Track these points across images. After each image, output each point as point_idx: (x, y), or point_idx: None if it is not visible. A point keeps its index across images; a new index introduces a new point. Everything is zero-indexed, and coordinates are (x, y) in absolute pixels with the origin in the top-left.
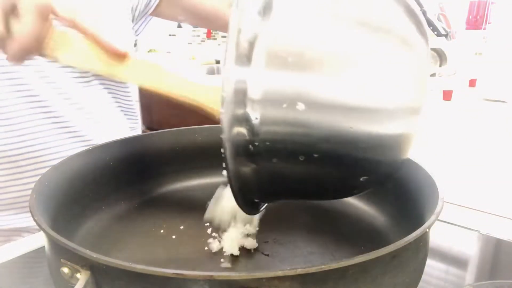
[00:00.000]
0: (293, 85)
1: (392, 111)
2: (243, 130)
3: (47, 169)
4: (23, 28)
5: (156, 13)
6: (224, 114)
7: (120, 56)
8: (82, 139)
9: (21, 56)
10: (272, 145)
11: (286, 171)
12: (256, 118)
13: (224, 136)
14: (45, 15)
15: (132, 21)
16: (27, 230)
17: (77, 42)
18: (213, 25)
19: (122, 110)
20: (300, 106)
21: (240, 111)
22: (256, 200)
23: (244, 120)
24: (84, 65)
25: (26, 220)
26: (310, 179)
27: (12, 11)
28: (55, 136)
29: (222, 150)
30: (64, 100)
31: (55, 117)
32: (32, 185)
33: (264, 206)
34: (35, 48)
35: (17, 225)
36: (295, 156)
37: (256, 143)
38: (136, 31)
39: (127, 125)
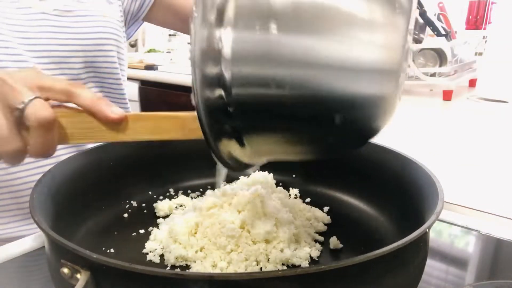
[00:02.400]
0: (264, 41)
1: (365, 70)
2: (215, 90)
3: (39, 175)
4: (34, 142)
5: (148, 18)
6: (194, 75)
7: (116, 122)
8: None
9: (40, 157)
10: (245, 102)
11: (263, 128)
12: (228, 76)
13: (196, 99)
14: (49, 127)
15: (124, 25)
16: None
17: (81, 121)
18: None
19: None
20: (271, 60)
21: (210, 71)
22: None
23: (216, 79)
24: (93, 140)
25: (17, 229)
26: (286, 136)
27: (20, 124)
28: None
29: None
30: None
31: None
32: (23, 192)
33: (255, 166)
34: (50, 152)
35: (9, 235)
36: (270, 114)
37: (229, 101)
38: (128, 35)
39: None
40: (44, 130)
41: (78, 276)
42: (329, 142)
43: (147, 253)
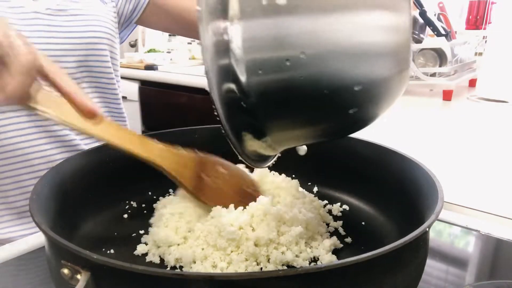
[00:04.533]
0: (272, 29)
1: (377, 53)
2: (231, 85)
3: (29, 175)
4: (11, 82)
5: (142, 21)
6: (209, 72)
7: (92, 115)
8: (66, 144)
9: (4, 104)
10: (263, 90)
11: (281, 113)
12: (242, 67)
13: (213, 95)
14: (34, 75)
15: (118, 27)
16: (6, 243)
17: (55, 99)
18: (197, 36)
19: (111, 115)
20: (282, 43)
21: (224, 64)
22: (261, 153)
23: (230, 73)
24: (60, 119)
25: (6, 231)
26: (304, 117)
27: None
28: (38, 141)
29: (215, 113)
30: None
31: (38, 120)
32: (12, 192)
33: (274, 158)
34: (18, 101)
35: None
36: (287, 98)
37: (247, 91)
38: (121, 39)
39: None
40: (27, 74)
41: (79, 276)
42: (345, 119)
43: (146, 254)
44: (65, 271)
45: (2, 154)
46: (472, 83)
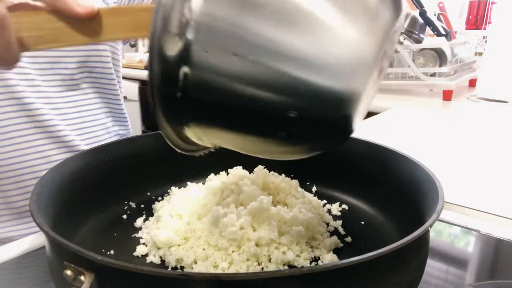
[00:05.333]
0: (231, 20)
1: (332, 62)
2: (170, 64)
3: (29, 175)
4: None
5: None
6: (150, 50)
7: (88, 17)
8: (66, 144)
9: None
10: (199, 87)
11: (211, 118)
12: (186, 56)
13: (149, 76)
14: (2, 24)
15: None
16: (6, 242)
17: (44, 21)
18: None
19: (112, 116)
20: (236, 46)
21: (169, 46)
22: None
23: (174, 57)
24: (61, 43)
25: (6, 230)
26: (224, 124)
27: None
28: (38, 141)
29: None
30: (49, 105)
31: (38, 121)
32: (12, 192)
33: (204, 150)
34: (11, 57)
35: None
36: (217, 95)
37: (183, 84)
38: (123, 41)
39: (116, 131)
40: None
41: (82, 278)
42: (280, 139)
43: (146, 255)
44: (68, 272)
45: (3, 155)
46: (472, 83)
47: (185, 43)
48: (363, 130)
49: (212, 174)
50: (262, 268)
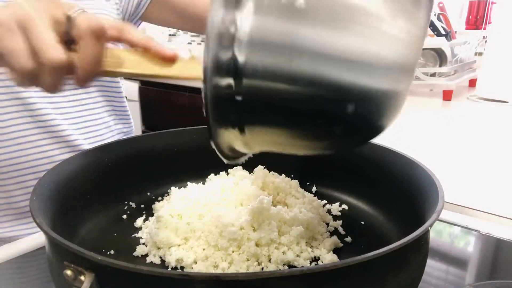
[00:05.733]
0: (283, 31)
1: (384, 66)
2: (226, 77)
3: (31, 175)
4: (84, 52)
5: (146, 17)
6: (206, 59)
7: (171, 59)
8: (69, 144)
9: (88, 79)
10: (255, 92)
11: (268, 120)
12: (241, 63)
13: (205, 84)
14: (101, 36)
15: None
16: (9, 241)
17: (129, 54)
18: (202, 29)
19: (115, 114)
20: (290, 52)
21: (224, 55)
22: (237, 149)
23: (228, 65)
24: (141, 72)
25: (8, 229)
26: (290, 130)
27: (67, 37)
28: (41, 141)
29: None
30: (52, 104)
31: (41, 120)
32: (15, 192)
33: (245, 156)
34: (99, 69)
35: (1, 235)
36: (279, 106)
37: (239, 89)
38: None
39: (120, 129)
40: (96, 38)
41: (82, 278)
42: (333, 139)
43: (146, 255)
44: (68, 272)
45: (6, 155)
46: (472, 83)
47: (240, 52)
48: None
49: (212, 174)
50: (262, 268)
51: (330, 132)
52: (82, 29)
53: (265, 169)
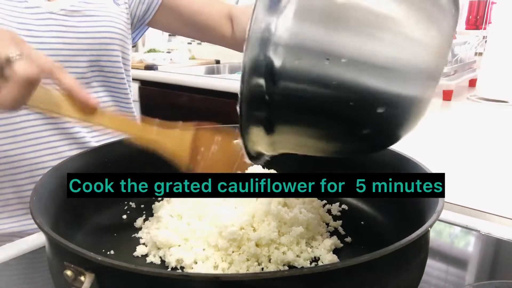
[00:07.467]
0: (321, 37)
1: (417, 73)
2: (261, 77)
3: (41, 170)
4: (8, 93)
5: (153, 22)
6: (245, 60)
7: (91, 107)
8: (78, 141)
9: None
10: (289, 94)
11: (298, 121)
12: (278, 65)
13: (243, 84)
14: (34, 85)
15: (130, 28)
16: (19, 235)
17: (53, 94)
18: (207, 37)
19: (121, 112)
20: (325, 58)
21: (261, 57)
22: (260, 150)
23: (265, 67)
24: (60, 113)
25: (18, 224)
26: (318, 132)
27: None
28: (51, 137)
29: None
30: None
31: (51, 117)
32: (25, 187)
33: (266, 158)
34: (20, 105)
35: (9, 230)
36: (311, 108)
37: (273, 90)
38: (132, 41)
39: None
40: (27, 86)
41: (82, 278)
42: (357, 142)
43: (146, 255)
44: (68, 272)
45: (17, 150)
46: (472, 83)
47: (277, 55)
48: None
49: None
50: (262, 268)
51: (356, 136)
52: (18, 74)
53: (265, 169)
